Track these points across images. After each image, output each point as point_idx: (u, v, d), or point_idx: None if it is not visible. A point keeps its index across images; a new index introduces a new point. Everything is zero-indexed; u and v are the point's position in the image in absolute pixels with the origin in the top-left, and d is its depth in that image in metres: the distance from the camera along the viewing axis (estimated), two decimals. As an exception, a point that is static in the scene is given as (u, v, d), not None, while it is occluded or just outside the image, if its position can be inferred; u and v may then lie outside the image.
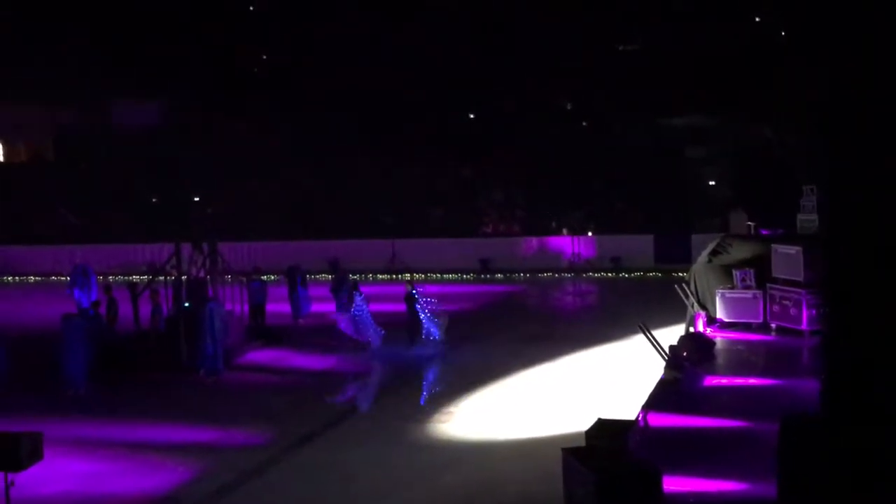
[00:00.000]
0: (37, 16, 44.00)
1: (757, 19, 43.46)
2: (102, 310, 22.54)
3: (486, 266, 35.36)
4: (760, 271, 20.28)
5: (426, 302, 23.28)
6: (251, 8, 48.46)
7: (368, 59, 42.14)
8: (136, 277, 29.21)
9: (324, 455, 15.31)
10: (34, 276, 37.69)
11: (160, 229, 35.16)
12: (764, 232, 22.80)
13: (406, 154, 39.20)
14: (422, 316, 22.95)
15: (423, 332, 22.95)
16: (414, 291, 23.16)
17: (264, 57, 48.62)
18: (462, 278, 34.65)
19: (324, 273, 31.49)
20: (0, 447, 10.82)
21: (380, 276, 35.21)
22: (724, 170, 38.93)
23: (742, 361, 18.29)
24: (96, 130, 45.77)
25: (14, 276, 38.24)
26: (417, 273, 35.15)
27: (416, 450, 15.40)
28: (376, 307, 27.77)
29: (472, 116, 44.13)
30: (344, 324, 22.97)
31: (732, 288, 20.45)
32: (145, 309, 22.69)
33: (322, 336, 23.69)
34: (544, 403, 17.69)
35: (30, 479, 11.81)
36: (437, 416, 17.09)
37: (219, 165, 40.63)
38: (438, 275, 34.89)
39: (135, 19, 44.47)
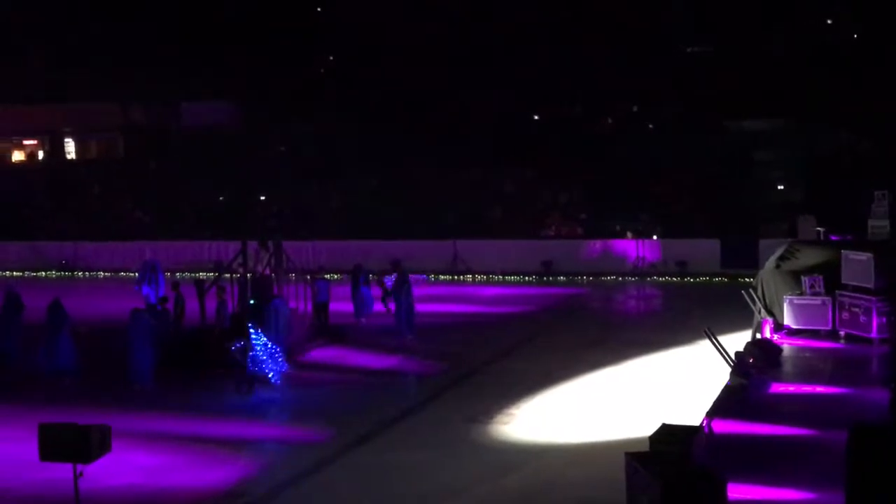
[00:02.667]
0: (109, 17, 44.91)
1: (829, 21, 42.76)
2: (170, 305, 22.86)
3: (548, 268, 35.18)
4: (829, 278, 19.93)
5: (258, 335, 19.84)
6: (318, 9, 48.91)
7: (432, 60, 42.28)
8: (202, 274, 29.55)
9: (383, 455, 15.36)
10: (104, 271, 38.40)
11: (227, 227, 35.60)
12: (833, 237, 22.43)
13: (469, 155, 39.21)
14: (259, 349, 19.76)
15: (259, 368, 19.70)
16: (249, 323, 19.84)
17: (330, 58, 49.06)
18: (524, 280, 34.53)
19: (386, 273, 31.62)
20: (70, 439, 11.01)
21: (441, 277, 35.24)
22: (794, 174, 38.32)
23: (809, 369, 17.99)
24: (166, 129, 46.57)
25: (84, 271, 39.00)
26: (479, 274, 35.24)
27: (476, 452, 15.37)
28: (437, 307, 27.95)
29: (535, 118, 44.01)
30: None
31: (801, 294, 20.12)
32: (211, 305, 22.99)
33: (384, 335, 23.84)
34: (607, 408, 17.55)
35: (97, 470, 12.00)
36: (498, 418, 17.04)
37: (285, 165, 41.06)
38: (500, 276, 34.84)
39: (205, 21, 45.16)
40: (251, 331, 19.73)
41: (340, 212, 40.32)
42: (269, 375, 19.76)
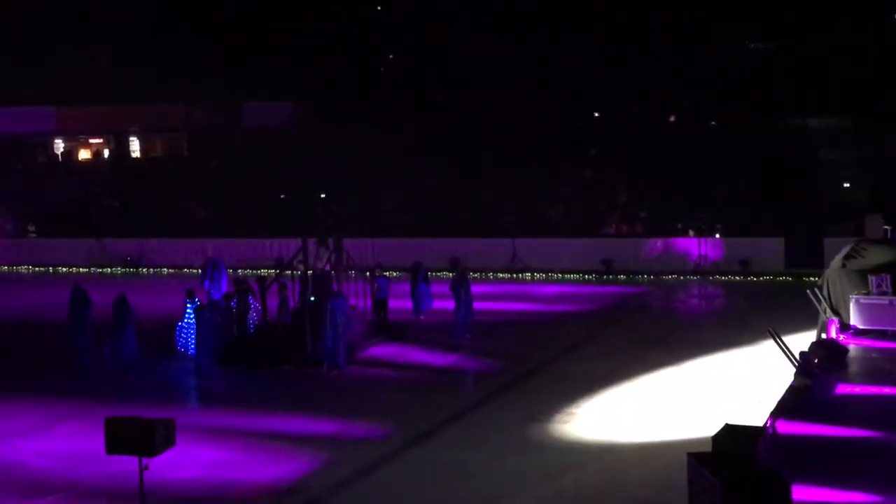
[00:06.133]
0: (175, 18, 45.55)
1: (896, 17, 41.93)
2: (233, 302, 23.13)
3: (608, 267, 34.95)
4: (897, 277, 19.55)
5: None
6: (378, 8, 49.09)
7: (492, 60, 42.19)
8: (264, 271, 29.87)
9: (442, 452, 15.37)
10: (168, 268, 38.98)
11: (288, 225, 35.93)
12: (901, 236, 21.98)
13: (529, 153, 39.08)
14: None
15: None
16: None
17: (391, 57, 49.22)
18: (583, 278, 34.35)
19: (445, 271, 31.68)
20: (136, 432, 11.17)
21: (500, 275, 35.20)
22: (861, 172, 37.64)
23: (876, 370, 17.63)
24: (229, 129, 47.11)
25: (149, 267, 39.63)
26: (538, 272, 35.10)
27: (535, 450, 15.32)
28: (496, 306, 27.93)
29: (596, 115, 43.73)
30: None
31: (867, 294, 19.75)
32: (273, 302, 23.23)
33: (443, 333, 23.87)
34: (669, 407, 17.39)
35: (162, 463, 12.17)
36: (558, 417, 16.97)
37: (345, 163, 41.29)
38: (559, 274, 34.69)
39: (266, 22, 45.59)
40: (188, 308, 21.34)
41: (400, 210, 40.47)
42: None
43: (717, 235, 35.38)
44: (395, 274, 28.68)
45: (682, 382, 19.26)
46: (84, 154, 53.37)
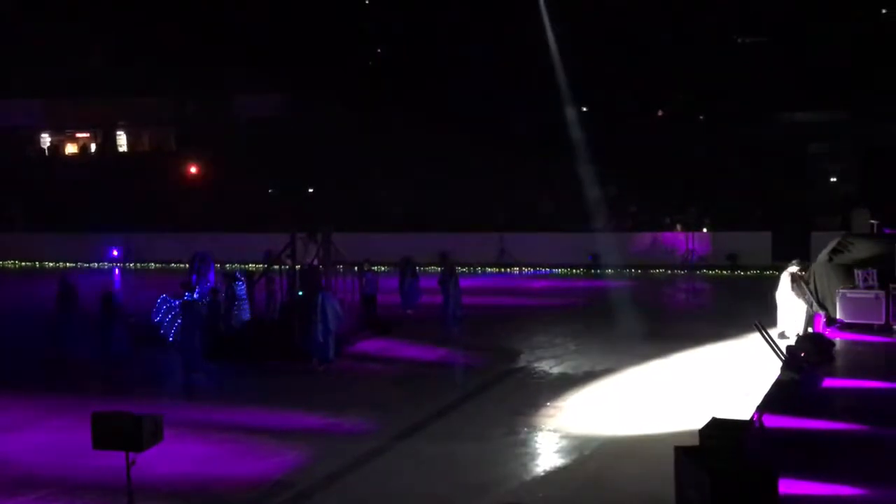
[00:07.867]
0: (161, 11, 45.41)
1: (884, 11, 42.12)
2: (220, 297, 23.08)
3: (596, 261, 35.01)
4: (883, 271, 19.67)
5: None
6: (366, 1, 49.05)
7: (483, 52, 42.19)
8: (252, 266, 29.83)
9: (431, 446, 15.38)
10: (155, 262, 38.87)
11: (277, 219, 35.84)
12: (887, 231, 22.11)
13: (518, 148, 39.10)
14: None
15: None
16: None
17: (378, 51, 49.17)
18: (571, 273, 34.42)
19: (434, 265, 31.72)
20: (123, 427, 11.13)
21: (489, 270, 35.25)
22: (848, 166, 37.79)
23: (862, 364, 17.73)
24: (218, 122, 46.99)
25: (136, 262, 39.52)
26: (527, 267, 35.17)
27: (523, 444, 15.35)
28: (484, 300, 27.96)
29: (584, 110, 43.76)
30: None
31: (854, 288, 19.85)
32: (261, 297, 23.19)
33: (431, 327, 23.88)
34: (656, 401, 17.45)
35: (149, 459, 12.14)
36: (545, 411, 17.01)
37: (335, 157, 41.24)
38: (547, 269, 34.74)
39: (256, 14, 45.49)
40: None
41: (389, 204, 40.45)
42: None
43: (705, 230, 35.48)
44: (383, 269, 28.67)
45: (669, 376, 19.32)
46: (71, 148, 53.16)
